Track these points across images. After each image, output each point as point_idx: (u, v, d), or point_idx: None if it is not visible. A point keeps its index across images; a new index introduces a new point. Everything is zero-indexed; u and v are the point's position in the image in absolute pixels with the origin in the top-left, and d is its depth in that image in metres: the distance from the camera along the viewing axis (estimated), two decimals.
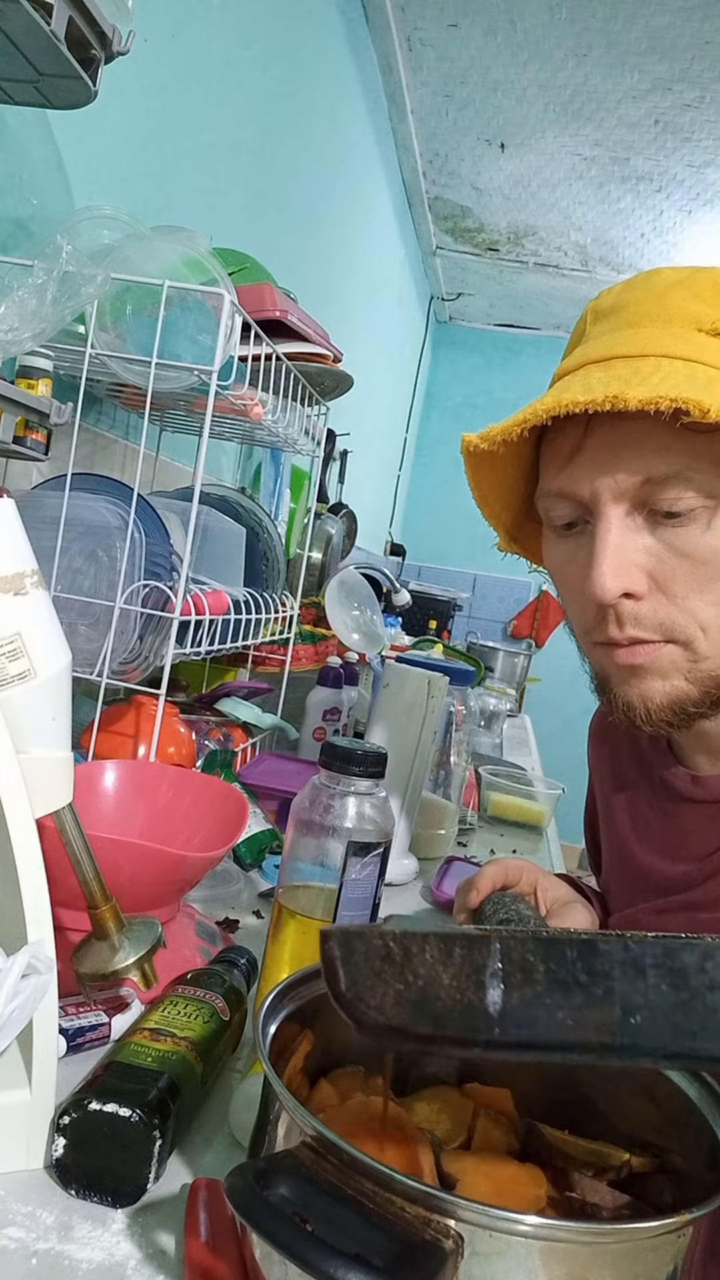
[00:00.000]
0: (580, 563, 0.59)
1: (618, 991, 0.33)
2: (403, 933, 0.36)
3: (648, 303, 0.57)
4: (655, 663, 0.58)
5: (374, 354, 3.21)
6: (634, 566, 0.56)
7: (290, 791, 1.05)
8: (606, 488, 0.55)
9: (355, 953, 0.35)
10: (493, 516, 0.67)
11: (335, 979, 0.35)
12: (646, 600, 0.56)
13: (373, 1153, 0.34)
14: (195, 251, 0.89)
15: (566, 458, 0.57)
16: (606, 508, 0.56)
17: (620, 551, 0.55)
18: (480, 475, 0.62)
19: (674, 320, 0.56)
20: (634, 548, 0.56)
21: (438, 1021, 0.34)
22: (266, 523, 1.29)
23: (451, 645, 2.44)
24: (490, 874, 0.75)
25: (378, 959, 0.35)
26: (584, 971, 0.33)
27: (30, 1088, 0.46)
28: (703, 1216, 0.35)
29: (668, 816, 0.68)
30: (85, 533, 0.91)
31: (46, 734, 0.50)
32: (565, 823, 1.53)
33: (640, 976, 0.33)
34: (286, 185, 1.90)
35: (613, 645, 0.59)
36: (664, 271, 0.59)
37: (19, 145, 0.96)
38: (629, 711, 0.60)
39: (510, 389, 4.73)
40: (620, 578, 0.55)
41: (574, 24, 2.22)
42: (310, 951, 0.59)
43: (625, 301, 0.59)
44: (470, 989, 0.34)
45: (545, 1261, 0.33)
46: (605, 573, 0.55)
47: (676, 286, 0.57)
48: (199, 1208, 0.44)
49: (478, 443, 0.58)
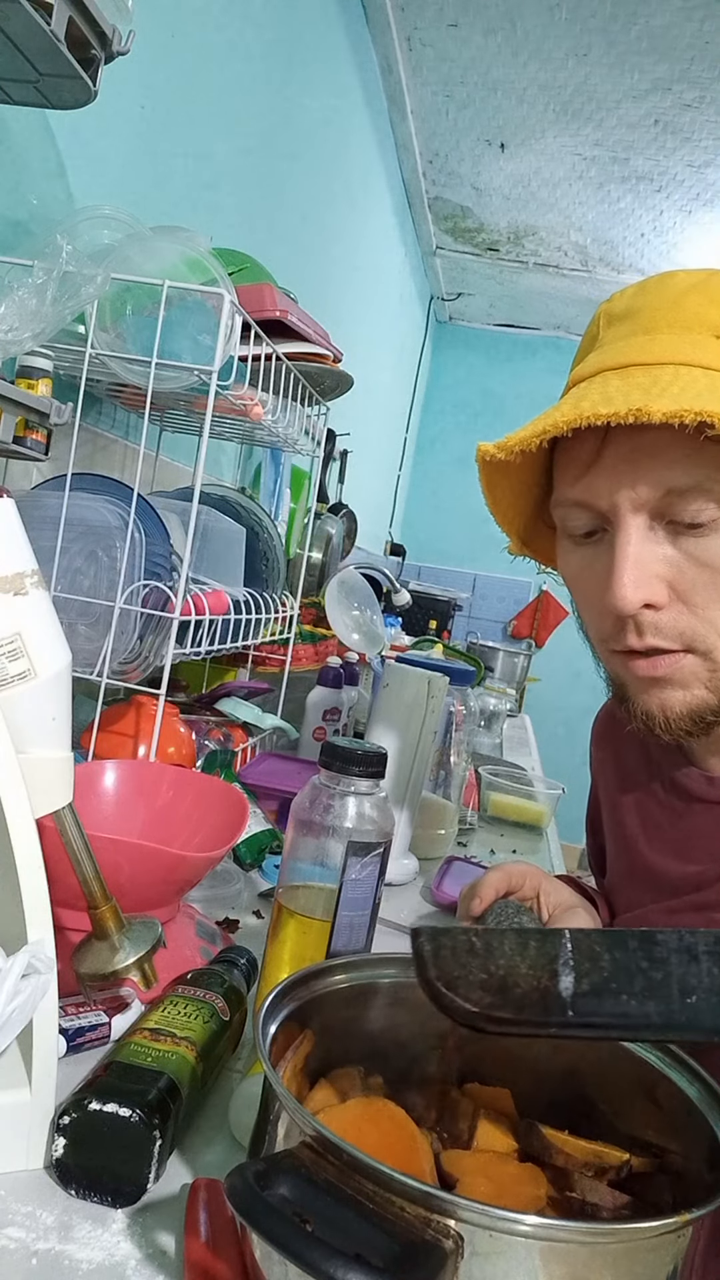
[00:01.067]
0: (598, 571, 0.58)
1: (675, 975, 0.37)
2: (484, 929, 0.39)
3: (664, 308, 0.56)
4: (676, 673, 0.57)
5: (374, 354, 3.21)
6: (654, 577, 0.55)
7: (290, 791, 1.05)
8: (627, 499, 0.55)
9: (442, 947, 0.39)
10: (505, 522, 0.67)
11: (425, 969, 0.38)
12: (667, 610, 0.56)
13: (373, 1153, 0.34)
14: (195, 251, 0.89)
15: (584, 467, 0.57)
16: (626, 518, 0.55)
17: (641, 562, 0.55)
18: (494, 483, 0.62)
19: (691, 326, 0.55)
20: (654, 558, 0.55)
21: (518, 1006, 0.37)
22: (266, 523, 1.29)
23: (451, 645, 2.44)
24: (493, 881, 0.74)
25: (464, 952, 0.38)
26: (644, 959, 0.37)
27: (30, 1088, 0.46)
28: (703, 1216, 0.35)
29: (679, 817, 0.68)
30: (85, 533, 0.91)
31: (46, 734, 0.50)
32: (565, 823, 1.53)
33: (694, 961, 0.37)
34: (286, 185, 1.90)
35: (631, 654, 0.58)
36: (679, 275, 0.58)
37: (19, 145, 0.96)
38: (648, 720, 0.60)
39: (510, 389, 4.73)
40: (641, 589, 0.55)
41: (574, 24, 2.22)
42: (310, 951, 0.59)
43: (640, 306, 0.58)
44: (545, 976, 0.38)
45: (545, 1261, 0.33)
46: (626, 584, 0.54)
47: (693, 291, 0.56)
48: (199, 1208, 0.44)
49: (494, 452, 0.57)
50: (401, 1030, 0.52)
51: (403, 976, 0.52)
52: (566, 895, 0.76)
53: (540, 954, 0.38)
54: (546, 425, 0.53)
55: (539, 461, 0.62)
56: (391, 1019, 0.53)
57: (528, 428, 0.55)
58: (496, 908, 0.72)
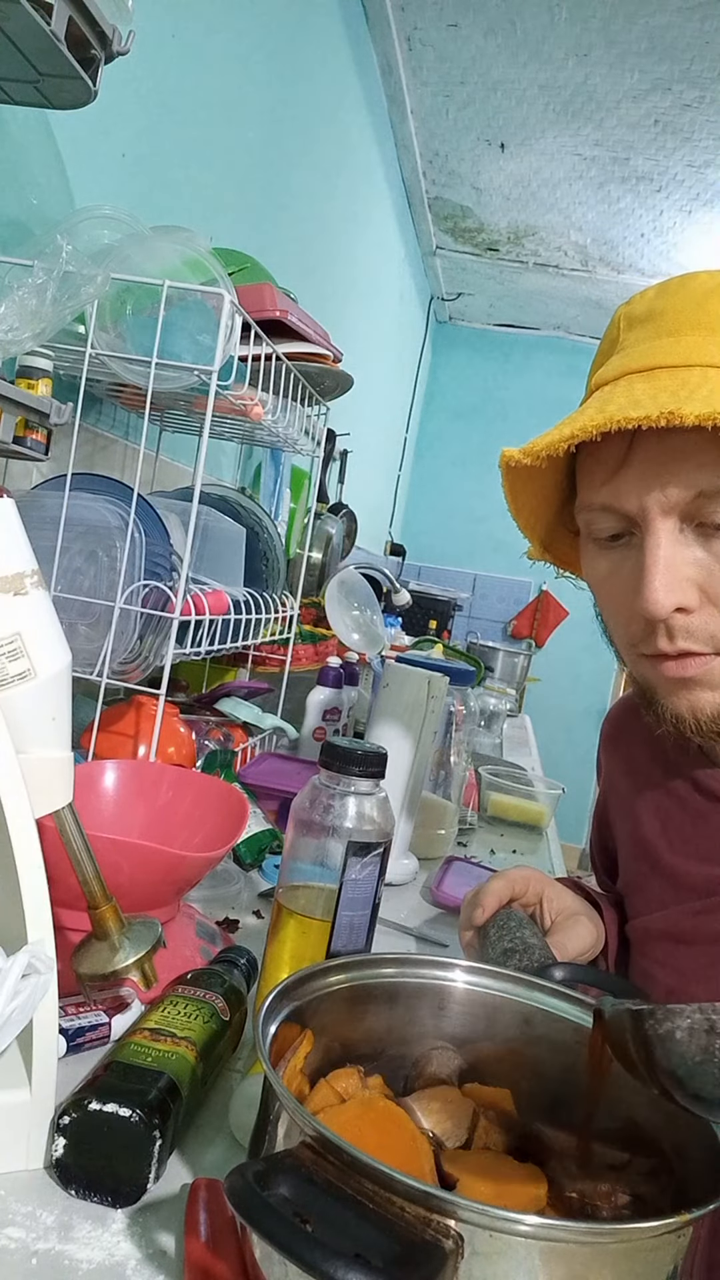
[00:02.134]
0: (626, 576, 0.58)
1: None
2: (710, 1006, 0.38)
3: (687, 309, 0.56)
4: (706, 675, 0.57)
5: (374, 354, 3.21)
6: (685, 581, 0.55)
7: (290, 791, 1.05)
8: (656, 502, 0.54)
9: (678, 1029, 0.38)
10: (526, 527, 0.67)
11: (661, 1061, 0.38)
12: (698, 614, 0.56)
13: (373, 1153, 0.34)
14: (195, 251, 0.89)
15: (611, 471, 0.56)
16: (656, 522, 0.55)
17: (672, 566, 0.54)
18: (517, 488, 0.61)
19: (716, 328, 0.55)
20: (685, 561, 0.55)
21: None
22: (266, 523, 1.29)
23: (451, 645, 2.44)
24: (496, 890, 0.74)
25: (703, 1033, 0.38)
26: None
27: (30, 1088, 0.46)
28: (703, 1216, 0.35)
29: (703, 818, 0.68)
30: (85, 533, 0.91)
31: (46, 734, 0.50)
32: (565, 823, 1.53)
33: None
34: (286, 185, 1.90)
35: (661, 657, 0.58)
36: (700, 276, 0.58)
37: (19, 145, 0.96)
38: (678, 723, 0.60)
39: (510, 389, 4.73)
40: (673, 593, 0.54)
41: (574, 24, 2.22)
42: (310, 951, 0.59)
43: (662, 308, 0.58)
44: None
45: (545, 1261, 0.33)
46: (658, 588, 0.54)
47: (716, 293, 0.56)
48: (199, 1208, 0.44)
49: (519, 458, 0.56)
50: (401, 1030, 0.53)
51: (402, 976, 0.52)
52: (569, 901, 0.76)
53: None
54: (575, 430, 0.52)
55: (562, 466, 0.61)
56: (391, 1019, 0.53)
57: (553, 432, 0.54)
58: (499, 921, 0.72)
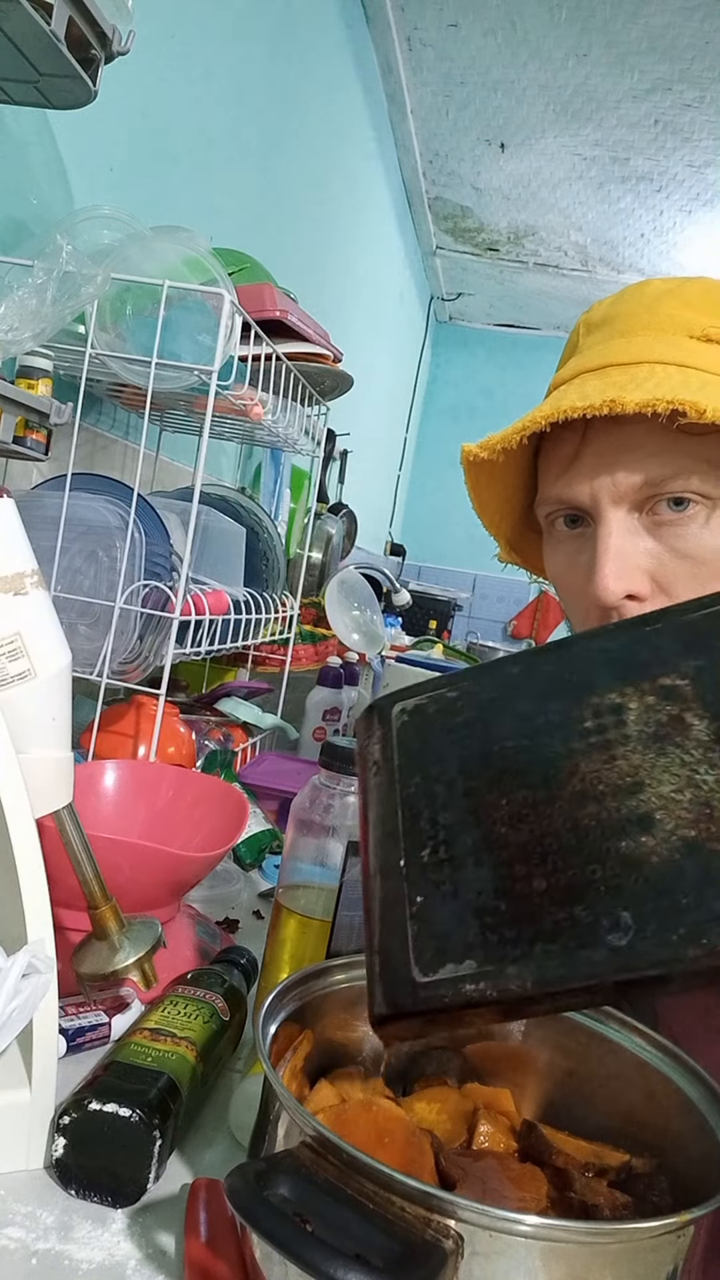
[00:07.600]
0: (582, 566, 0.59)
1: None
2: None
3: (639, 312, 0.59)
4: None
5: (374, 354, 3.21)
6: (636, 569, 0.56)
7: (290, 791, 1.05)
8: (606, 490, 0.56)
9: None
10: (492, 526, 0.68)
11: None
12: (650, 601, 0.57)
13: (372, 1153, 0.34)
14: (195, 251, 0.89)
15: (565, 464, 0.58)
16: (607, 511, 0.56)
17: (623, 554, 0.56)
18: (480, 485, 0.63)
19: (666, 328, 0.57)
20: (636, 550, 0.56)
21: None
22: (266, 523, 1.29)
23: (451, 645, 2.44)
24: None
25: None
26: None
27: (30, 1088, 0.46)
28: (703, 1216, 0.35)
29: None
30: (85, 533, 0.91)
31: (46, 734, 0.50)
32: None
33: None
34: (286, 185, 1.90)
35: None
36: (654, 282, 0.60)
37: (19, 145, 0.96)
38: None
39: (510, 389, 4.73)
40: (623, 579, 0.56)
41: (574, 24, 2.22)
42: (310, 951, 0.59)
43: (617, 313, 0.60)
44: None
45: (545, 1261, 0.33)
46: (608, 575, 0.55)
47: (667, 295, 0.58)
48: (199, 1208, 0.44)
49: (477, 452, 0.58)
50: None
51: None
52: None
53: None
54: (526, 422, 0.55)
55: (524, 465, 0.63)
56: None
57: (508, 428, 0.57)
58: None
